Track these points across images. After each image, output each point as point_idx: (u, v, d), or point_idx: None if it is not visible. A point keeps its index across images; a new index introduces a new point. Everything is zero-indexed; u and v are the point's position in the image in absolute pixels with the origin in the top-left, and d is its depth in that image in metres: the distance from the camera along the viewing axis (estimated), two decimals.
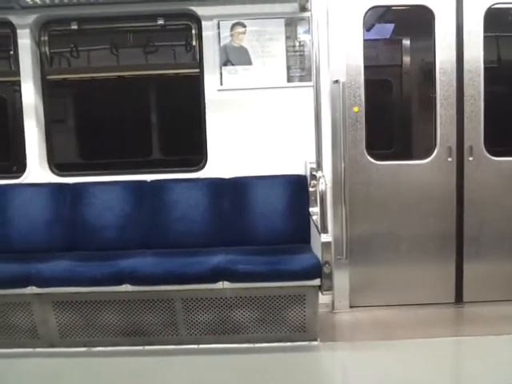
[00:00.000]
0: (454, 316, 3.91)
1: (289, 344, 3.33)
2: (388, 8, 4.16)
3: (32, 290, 3.29)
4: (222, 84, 4.03)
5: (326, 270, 3.14)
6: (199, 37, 4.05)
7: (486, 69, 3.90)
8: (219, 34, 4.00)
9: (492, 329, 3.49)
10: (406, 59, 5.28)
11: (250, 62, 4.02)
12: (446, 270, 4.00)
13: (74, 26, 4.12)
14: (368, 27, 4.25)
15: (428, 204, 3.96)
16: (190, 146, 4.57)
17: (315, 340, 3.35)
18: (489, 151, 3.94)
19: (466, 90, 3.90)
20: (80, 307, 3.35)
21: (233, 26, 4.00)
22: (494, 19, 3.93)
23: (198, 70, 4.10)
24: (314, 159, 3.49)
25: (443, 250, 3.99)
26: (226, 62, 4.02)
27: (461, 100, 3.91)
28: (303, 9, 3.91)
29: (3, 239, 3.89)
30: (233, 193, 3.93)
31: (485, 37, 3.89)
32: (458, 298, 4.02)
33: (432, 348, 3.25)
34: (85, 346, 3.40)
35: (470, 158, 3.93)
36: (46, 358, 3.35)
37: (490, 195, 3.94)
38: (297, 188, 3.90)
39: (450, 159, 3.95)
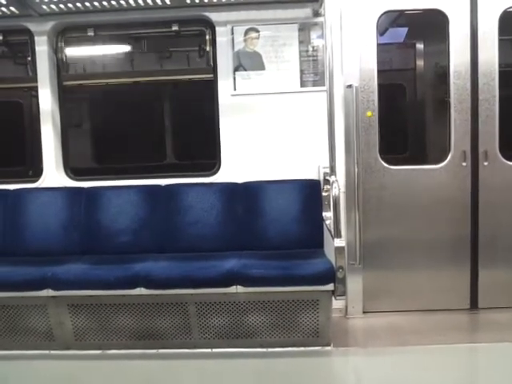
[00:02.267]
0: (468, 322, 3.86)
1: (302, 349, 3.32)
2: (401, 12, 4.15)
3: (48, 292, 3.34)
4: (235, 89, 4.05)
5: (339, 274, 3.13)
6: (213, 42, 4.08)
7: (500, 72, 3.86)
8: (233, 39, 4.03)
9: (508, 335, 3.44)
10: (420, 63, 5.26)
11: (263, 67, 4.04)
12: (461, 275, 3.96)
13: (91, 33, 4.18)
14: (381, 31, 4.24)
15: (442, 209, 3.93)
16: (204, 150, 4.60)
17: (328, 345, 3.34)
18: (504, 156, 3.90)
19: (481, 93, 3.87)
20: (95, 310, 3.39)
21: (246, 32, 4.03)
22: (509, 22, 3.89)
23: (211, 76, 4.13)
24: (327, 164, 3.48)
25: (458, 255, 3.95)
26: (239, 67, 4.04)
27: (475, 104, 3.88)
28: (316, 14, 3.93)
29: (20, 242, 3.95)
30: (246, 197, 3.95)
31: (500, 40, 3.86)
32: (473, 304, 3.98)
33: (447, 354, 3.22)
34: (99, 348, 3.43)
35: (485, 163, 3.90)
36: (61, 360, 3.39)
37: (505, 200, 3.89)
38: (310, 193, 3.90)
39: (464, 164, 3.91)
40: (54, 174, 4.20)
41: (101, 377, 3.17)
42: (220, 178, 4.10)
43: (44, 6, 3.86)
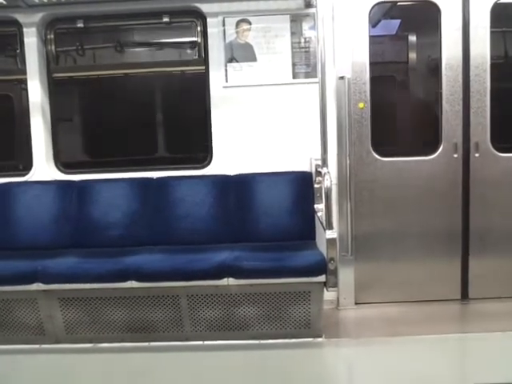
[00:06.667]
0: (459, 312, 3.90)
1: (294, 340, 3.33)
2: (393, 3, 4.14)
3: (38, 286, 3.32)
4: (227, 81, 4.03)
5: (331, 266, 3.13)
6: (204, 34, 4.05)
7: (492, 64, 3.87)
8: (224, 30, 4.00)
9: (498, 325, 3.47)
10: (412, 55, 5.24)
11: (255, 59, 4.01)
12: (452, 266, 3.98)
13: (80, 24, 4.13)
14: (374, 23, 4.23)
15: (434, 200, 3.94)
16: (196, 143, 4.57)
17: (320, 336, 3.35)
18: (495, 147, 3.91)
19: (473, 85, 3.88)
20: (86, 303, 3.37)
21: (238, 23, 4.00)
22: (500, 14, 3.89)
23: (203, 67, 4.11)
24: (319, 156, 3.48)
25: (449, 247, 3.97)
26: (231, 59, 4.02)
27: (467, 96, 3.89)
28: (308, 5, 3.91)
29: (10, 236, 3.92)
30: (238, 190, 3.94)
31: (491, 32, 3.86)
32: (464, 295, 4.00)
33: (438, 344, 3.25)
34: (90, 342, 3.42)
35: (476, 154, 3.91)
36: (52, 354, 3.37)
37: (496, 192, 3.91)
38: (302, 185, 3.90)
39: (455, 155, 3.93)
40: (44, 168, 4.16)
41: (92, 370, 3.16)
42: (212, 170, 4.09)
43: None
